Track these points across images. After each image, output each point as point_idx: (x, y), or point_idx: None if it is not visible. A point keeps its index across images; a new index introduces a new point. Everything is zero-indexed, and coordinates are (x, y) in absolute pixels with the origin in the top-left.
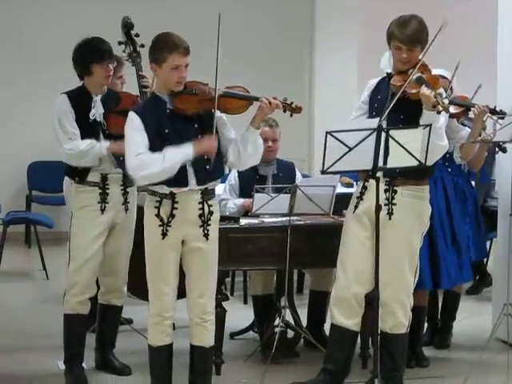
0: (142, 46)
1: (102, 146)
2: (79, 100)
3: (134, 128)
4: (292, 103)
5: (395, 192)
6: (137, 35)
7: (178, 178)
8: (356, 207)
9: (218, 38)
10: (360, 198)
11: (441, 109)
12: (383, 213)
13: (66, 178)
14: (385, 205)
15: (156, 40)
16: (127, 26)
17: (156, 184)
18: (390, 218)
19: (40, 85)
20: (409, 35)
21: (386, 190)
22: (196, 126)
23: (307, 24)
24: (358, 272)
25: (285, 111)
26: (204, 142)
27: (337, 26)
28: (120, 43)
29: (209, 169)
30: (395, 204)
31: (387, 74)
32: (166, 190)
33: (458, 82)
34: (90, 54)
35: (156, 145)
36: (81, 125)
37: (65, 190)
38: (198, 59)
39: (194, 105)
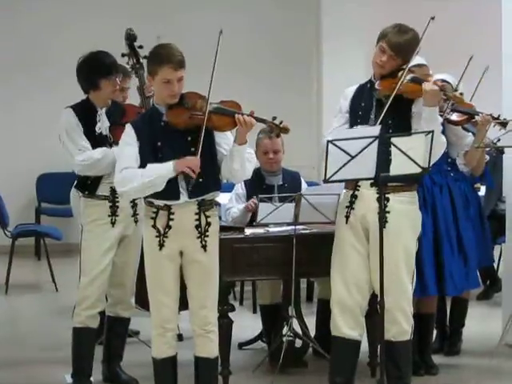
0: (146, 57)
1: (115, 151)
2: (84, 114)
3: (126, 141)
4: (281, 123)
5: (387, 200)
6: (140, 47)
7: (170, 192)
8: (347, 217)
9: (215, 54)
10: (350, 207)
11: (452, 101)
12: (377, 221)
13: (73, 190)
14: (378, 213)
15: (151, 51)
16: (130, 38)
17: (151, 196)
18: (384, 226)
19: (51, 96)
20: (400, 43)
21: (377, 199)
22: (189, 138)
23: (314, 36)
24: (357, 281)
25: (271, 132)
26: (186, 160)
27: (344, 37)
28: (123, 55)
29: (202, 182)
30: (389, 212)
31: (369, 81)
32: (160, 202)
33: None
34: (97, 68)
35: (149, 157)
36: (87, 139)
37: (72, 201)
38: (200, 72)
39: (184, 120)
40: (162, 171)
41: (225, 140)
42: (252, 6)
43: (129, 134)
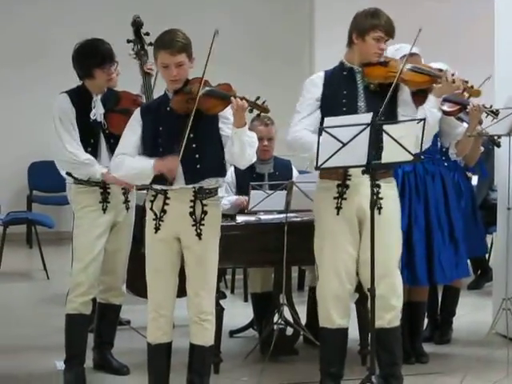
0: (151, 44)
1: (98, 170)
2: (80, 100)
3: (130, 126)
4: (263, 103)
5: (379, 186)
6: (147, 34)
7: (165, 177)
8: (339, 208)
9: (209, 52)
10: (341, 197)
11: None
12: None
13: (68, 178)
14: (371, 201)
15: (156, 37)
16: (136, 25)
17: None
18: (380, 213)
19: (41, 84)
20: (390, 24)
21: (371, 186)
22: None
23: (307, 29)
24: (348, 270)
25: (251, 111)
26: (165, 162)
27: (336, 32)
28: (129, 41)
29: (199, 168)
30: (382, 198)
31: (344, 67)
32: (157, 186)
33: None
34: (91, 58)
35: (149, 141)
36: (81, 125)
37: (67, 190)
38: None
39: (183, 104)
40: (144, 166)
41: (227, 125)
42: None
43: (135, 117)
